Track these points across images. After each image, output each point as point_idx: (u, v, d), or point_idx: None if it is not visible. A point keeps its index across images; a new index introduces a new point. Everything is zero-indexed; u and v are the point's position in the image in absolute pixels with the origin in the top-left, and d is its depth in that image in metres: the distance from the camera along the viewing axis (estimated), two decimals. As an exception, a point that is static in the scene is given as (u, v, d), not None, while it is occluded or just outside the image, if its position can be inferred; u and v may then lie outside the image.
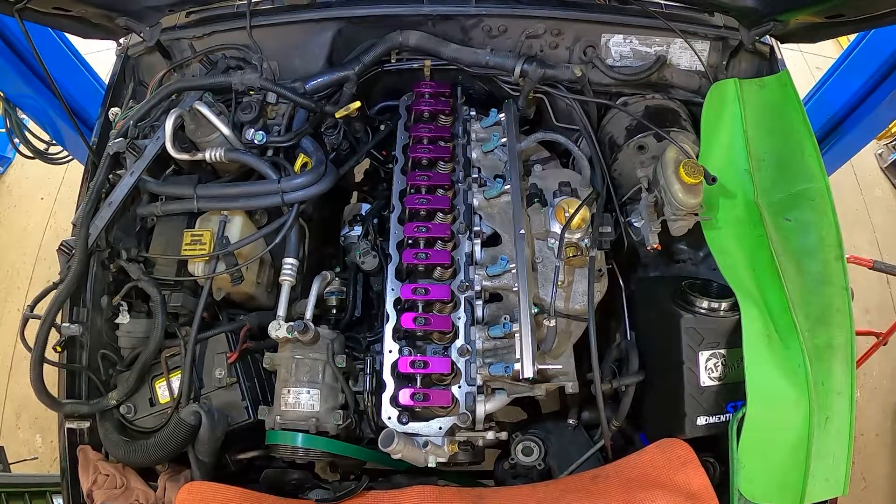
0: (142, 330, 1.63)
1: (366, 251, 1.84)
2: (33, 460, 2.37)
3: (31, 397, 1.45)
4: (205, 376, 1.60)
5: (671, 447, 1.39)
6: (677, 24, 1.85)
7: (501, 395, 1.52)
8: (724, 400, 1.46)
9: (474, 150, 1.82)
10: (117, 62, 1.96)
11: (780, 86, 1.78)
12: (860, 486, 2.88)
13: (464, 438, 1.51)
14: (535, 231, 1.63)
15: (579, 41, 1.95)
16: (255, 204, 1.67)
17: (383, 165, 2.16)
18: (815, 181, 1.60)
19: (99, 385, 1.59)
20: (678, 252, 1.82)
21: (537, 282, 1.59)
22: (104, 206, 1.62)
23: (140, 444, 1.48)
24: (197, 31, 1.93)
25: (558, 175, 1.77)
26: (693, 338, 1.46)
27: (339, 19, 1.92)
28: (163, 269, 1.66)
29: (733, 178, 1.68)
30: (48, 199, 3.83)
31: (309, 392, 1.54)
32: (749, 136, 1.72)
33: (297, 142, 1.74)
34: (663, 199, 1.57)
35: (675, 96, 1.96)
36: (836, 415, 1.38)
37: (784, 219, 1.59)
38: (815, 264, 1.51)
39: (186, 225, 1.69)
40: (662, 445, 1.39)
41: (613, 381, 1.57)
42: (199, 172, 1.77)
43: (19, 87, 2.67)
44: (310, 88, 1.86)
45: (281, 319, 1.56)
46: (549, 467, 1.61)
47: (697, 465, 1.34)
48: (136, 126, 1.71)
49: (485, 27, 1.95)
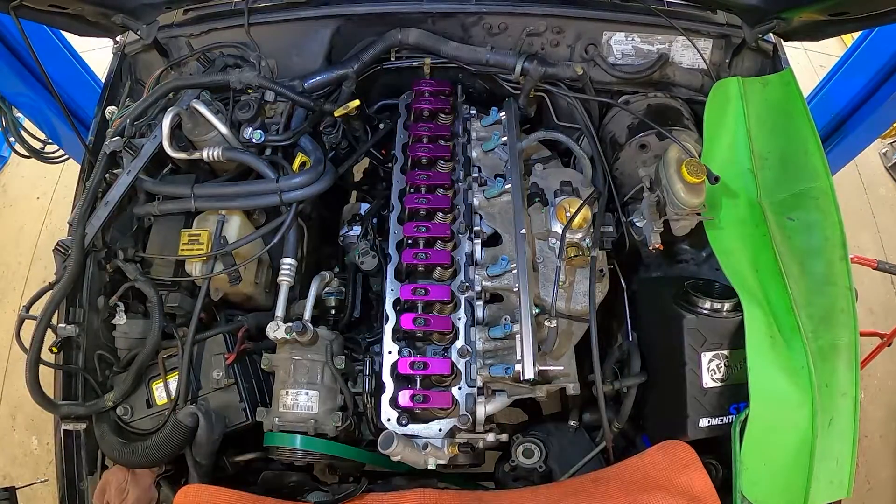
0: (139, 331, 1.61)
1: (365, 251, 1.83)
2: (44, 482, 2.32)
3: (26, 399, 1.44)
4: (202, 377, 1.58)
5: (673, 449, 1.37)
6: (679, 22, 1.84)
7: (502, 397, 1.51)
8: (726, 401, 1.44)
9: (475, 149, 1.81)
10: (114, 60, 1.95)
11: (784, 84, 1.77)
12: (864, 488, 2.85)
13: (464, 440, 1.50)
14: (536, 231, 1.62)
15: (581, 39, 1.93)
16: (253, 203, 1.66)
17: (382, 164, 2.15)
18: (819, 180, 1.58)
19: (95, 386, 1.57)
20: (680, 252, 1.80)
21: (538, 282, 1.58)
22: (101, 206, 1.61)
23: (137, 446, 1.47)
24: (194, 28, 1.92)
25: (559, 174, 1.76)
26: (695, 338, 1.45)
27: (337, 17, 1.91)
28: (160, 270, 1.65)
29: (736, 177, 1.67)
30: (44, 199, 3.79)
31: (307, 393, 1.53)
32: (752, 134, 1.71)
33: (295, 141, 1.73)
34: (665, 198, 1.56)
35: (678, 95, 1.95)
36: (840, 416, 1.37)
37: (787, 218, 1.58)
38: (818, 264, 1.49)
39: (184, 225, 1.68)
40: (664, 447, 1.38)
41: (615, 383, 1.56)
42: (197, 172, 1.76)
43: (15, 86, 2.65)
44: (308, 87, 1.85)
45: (279, 320, 1.55)
46: (550, 469, 1.60)
47: (700, 468, 1.33)
48: (133, 125, 1.69)
49: (485, 25, 1.94)
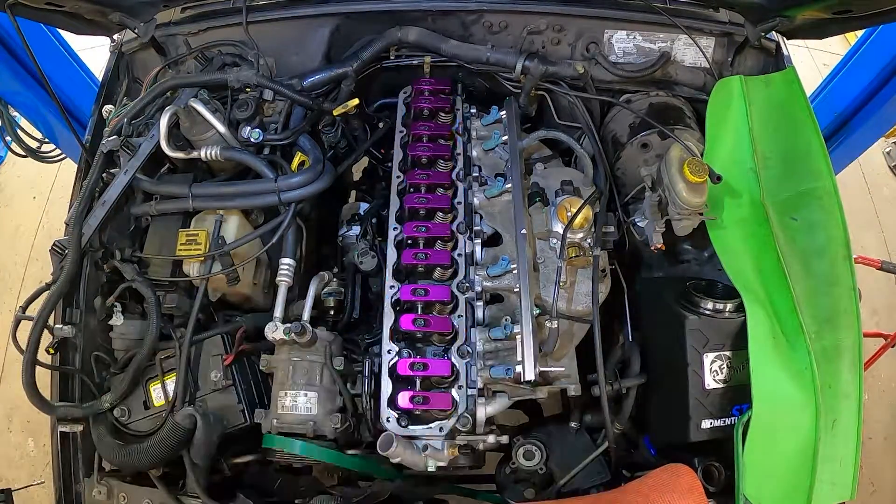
0: (136, 331, 1.60)
1: (364, 251, 1.81)
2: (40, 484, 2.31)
3: (23, 400, 1.42)
4: (200, 379, 1.57)
5: (676, 473, 1.35)
6: (682, 20, 1.83)
7: (502, 398, 1.49)
8: (729, 403, 1.43)
9: (475, 149, 1.79)
10: (111, 59, 1.93)
11: (787, 83, 1.75)
12: (868, 490, 2.83)
13: (464, 442, 1.48)
14: (537, 231, 1.61)
15: (582, 37, 1.92)
16: (251, 203, 1.65)
17: (382, 164, 2.14)
18: (822, 180, 1.57)
19: (92, 388, 1.56)
20: (682, 252, 1.79)
21: (539, 282, 1.57)
22: (98, 206, 1.59)
23: (134, 448, 1.45)
24: (192, 27, 1.90)
25: (560, 174, 1.74)
26: (698, 339, 1.43)
27: (337, 15, 1.90)
28: (157, 270, 1.63)
29: (739, 176, 1.65)
30: (41, 199, 3.77)
31: (306, 395, 1.51)
32: (755, 133, 1.69)
33: (294, 140, 1.72)
34: (667, 198, 1.55)
35: (680, 93, 1.93)
36: (844, 418, 1.36)
37: (790, 218, 1.57)
38: (822, 265, 1.48)
39: (181, 225, 1.67)
40: (667, 470, 1.35)
41: (615, 384, 1.55)
42: (195, 171, 1.74)
43: (11, 85, 2.64)
44: (307, 85, 1.83)
45: (278, 321, 1.53)
46: (550, 471, 1.58)
47: (701, 494, 1.31)
48: (131, 124, 1.68)
49: (485, 23, 1.92)
